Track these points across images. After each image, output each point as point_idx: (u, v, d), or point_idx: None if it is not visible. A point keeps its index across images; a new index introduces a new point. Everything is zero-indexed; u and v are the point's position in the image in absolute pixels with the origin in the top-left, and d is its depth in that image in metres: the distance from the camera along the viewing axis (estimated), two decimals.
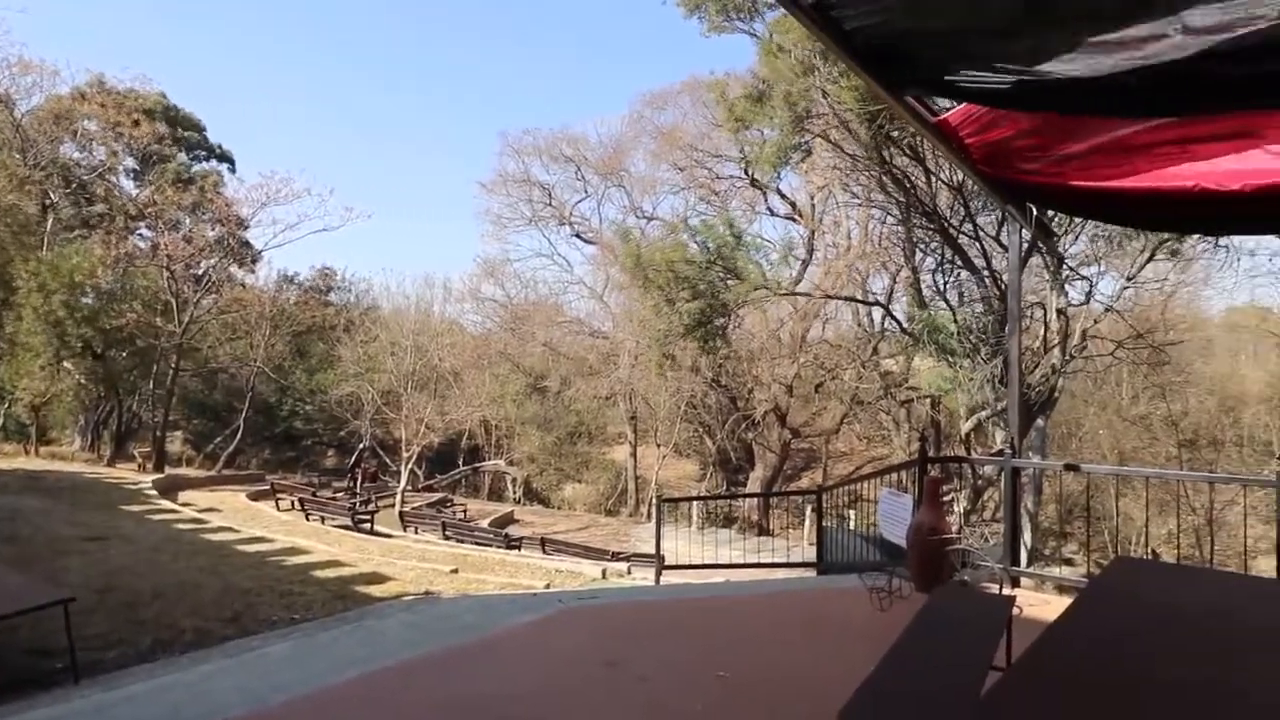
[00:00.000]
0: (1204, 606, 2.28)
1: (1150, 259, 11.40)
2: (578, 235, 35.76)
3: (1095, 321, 12.61)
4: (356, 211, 44.64)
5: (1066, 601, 5.17)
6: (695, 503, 19.64)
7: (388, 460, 30.75)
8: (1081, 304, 11.65)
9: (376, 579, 9.12)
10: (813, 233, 19.19)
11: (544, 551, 16.60)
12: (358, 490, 23.36)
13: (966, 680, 2.37)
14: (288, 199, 26.71)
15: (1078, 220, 10.81)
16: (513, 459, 35.01)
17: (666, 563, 9.49)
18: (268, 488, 20.98)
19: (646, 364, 21.13)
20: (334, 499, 20.88)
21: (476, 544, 16.38)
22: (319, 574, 9.09)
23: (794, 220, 19.17)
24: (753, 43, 13.66)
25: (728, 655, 3.75)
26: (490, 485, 35.14)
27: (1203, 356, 26.51)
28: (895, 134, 11.23)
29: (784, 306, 19.17)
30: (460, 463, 35.13)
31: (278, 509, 18.64)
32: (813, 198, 18.70)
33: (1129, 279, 11.61)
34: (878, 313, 20.29)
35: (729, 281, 15.16)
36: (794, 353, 19.85)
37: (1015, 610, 3.15)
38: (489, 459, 35.67)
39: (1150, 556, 17.36)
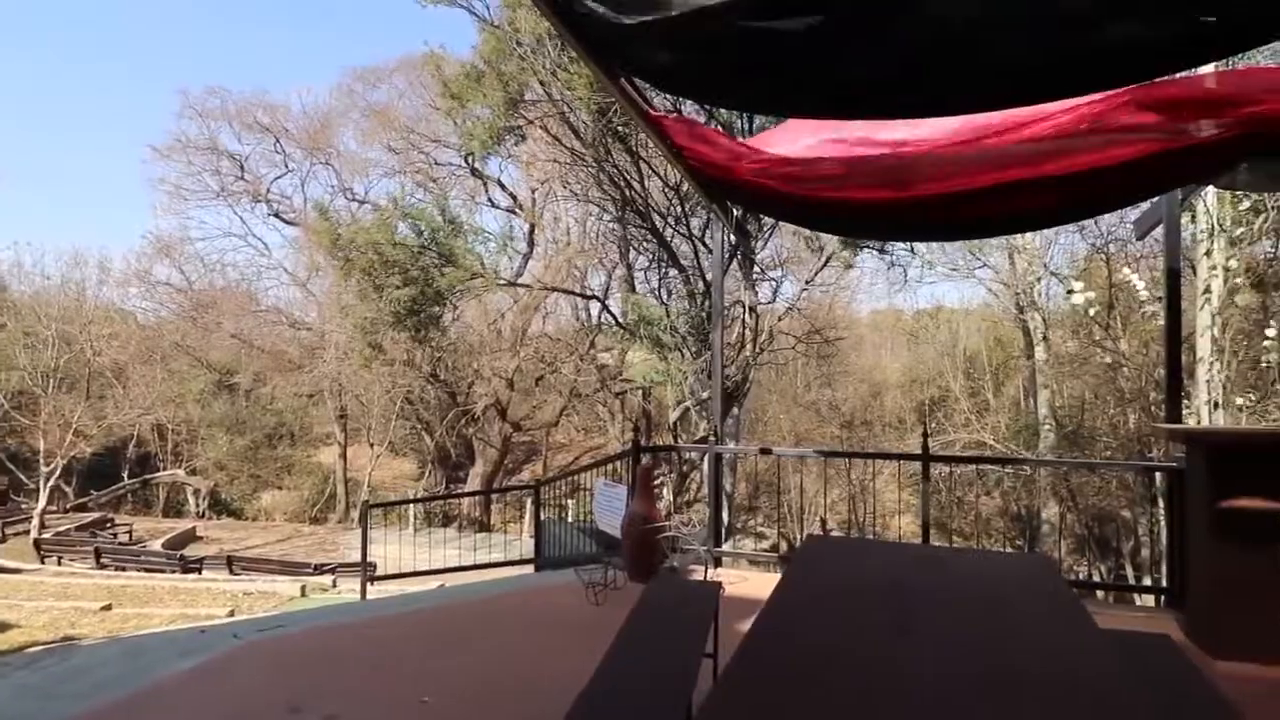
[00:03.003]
0: (887, 575, 2.47)
1: (825, 264, 13.14)
2: (276, 215, 31.87)
3: (780, 319, 14.23)
4: None
5: (763, 576, 5.61)
6: (411, 504, 18.70)
7: (22, 477, 25.03)
8: (769, 303, 13.07)
9: None
10: (533, 226, 19.22)
11: (231, 571, 14.60)
12: None
13: (681, 674, 2.34)
14: None
15: (766, 226, 12.06)
16: (195, 467, 30.43)
17: (377, 572, 8.78)
18: None
19: (357, 358, 19.59)
20: None
21: (144, 570, 13.91)
22: None
23: (515, 213, 19.07)
24: (474, 22, 13.22)
25: (437, 673, 3.41)
26: (167, 499, 30.16)
27: (856, 350, 31.28)
28: (622, 129, 11.55)
29: (504, 299, 18.99)
30: (125, 475, 29.76)
31: None
32: (534, 191, 18.74)
33: (808, 282, 13.30)
34: (595, 307, 20.96)
35: (444, 269, 14.49)
36: (515, 346, 19.74)
37: (721, 592, 3.25)
38: (164, 468, 30.57)
39: (821, 524, 20.12)
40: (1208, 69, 3.15)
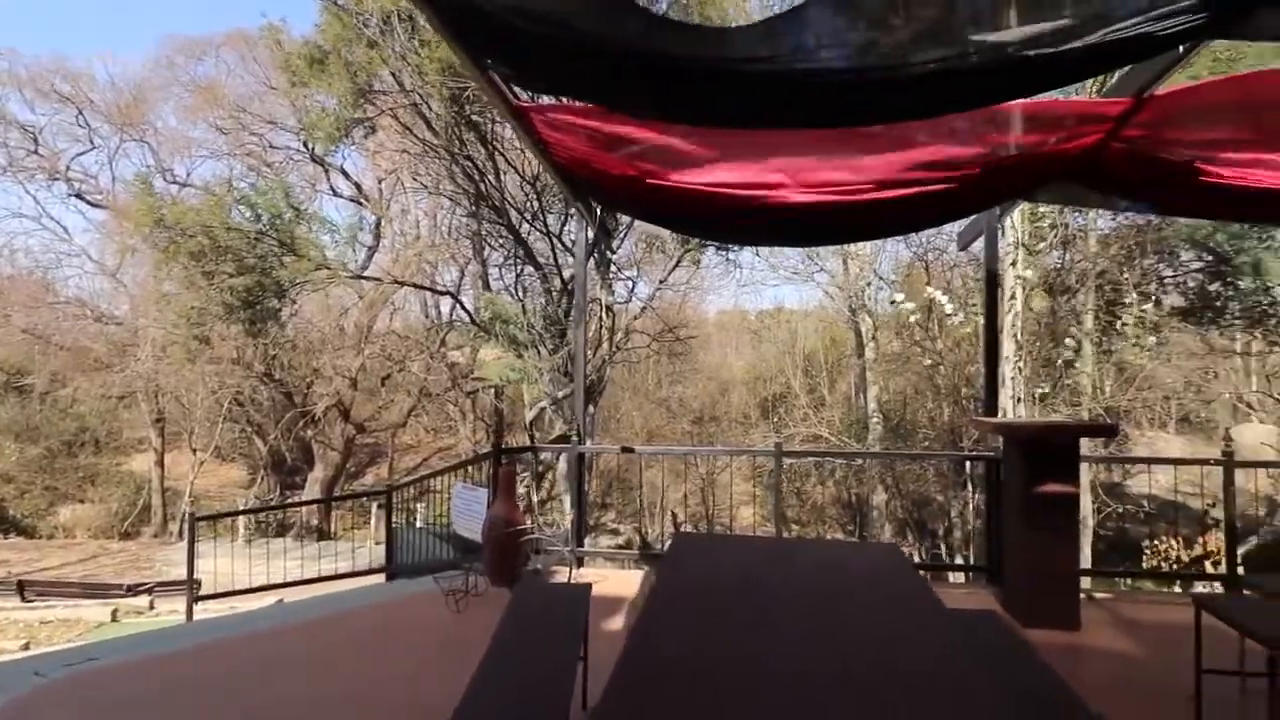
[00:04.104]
0: (755, 570, 2.56)
1: (677, 265, 13.48)
2: (79, 195, 28.06)
3: (635, 317, 14.45)
4: None
5: (625, 574, 5.66)
6: (243, 515, 17.20)
7: None
8: (625, 302, 13.24)
9: None
10: (379, 218, 18.27)
11: (23, 598, 12.81)
12: None
13: (558, 682, 2.31)
14: None
15: (623, 226, 12.19)
16: None
17: (203, 591, 8.03)
18: None
19: (177, 355, 17.67)
20: None
21: None
22: None
23: (360, 204, 18.00)
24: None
25: (287, 702, 3.16)
26: None
27: (704, 349, 32.34)
28: (476, 118, 11.20)
29: (349, 294, 17.90)
30: None
31: None
32: (380, 181, 17.80)
33: (661, 282, 13.59)
34: (445, 304, 20.28)
35: (285, 258, 13.37)
36: (359, 343, 18.68)
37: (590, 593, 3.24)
38: None
39: (672, 518, 20.64)
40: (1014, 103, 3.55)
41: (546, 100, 3.95)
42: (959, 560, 12.74)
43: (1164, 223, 12.52)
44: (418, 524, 10.09)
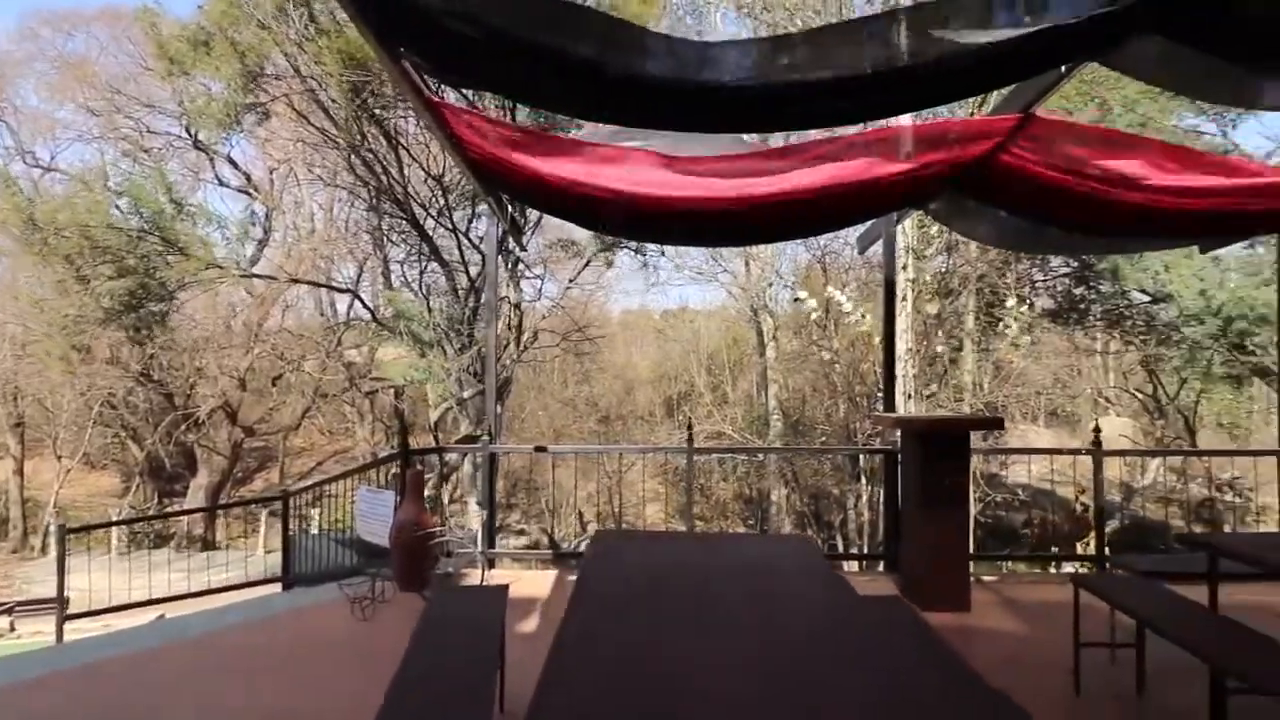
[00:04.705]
0: (676, 566, 2.61)
1: (587, 264, 13.47)
2: None
3: (544, 317, 14.34)
4: None
5: (537, 574, 5.62)
6: (119, 525, 15.94)
7: None
8: (534, 301, 13.13)
9: None
10: (270, 210, 17.30)
11: None
12: None
13: (480, 689, 2.28)
14: None
15: (530, 224, 12.06)
16: None
17: (73, 609, 7.40)
18: None
19: (43, 355, 16.12)
20: None
21: None
22: None
23: (249, 194, 16.98)
24: None
25: None
26: None
27: (610, 348, 32.46)
28: (379, 111, 10.76)
29: (238, 291, 16.87)
30: None
31: None
32: (272, 172, 16.86)
33: (571, 280, 13.54)
34: (342, 301, 19.49)
35: (169, 257, 12.40)
36: (249, 342, 17.64)
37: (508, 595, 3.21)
38: None
39: (578, 517, 20.60)
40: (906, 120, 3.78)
41: (458, 101, 3.89)
42: (854, 549, 13.30)
43: (1036, 230, 13.48)
44: (313, 530, 9.65)
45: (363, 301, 15.64)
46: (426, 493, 6.47)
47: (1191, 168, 3.87)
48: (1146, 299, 13.56)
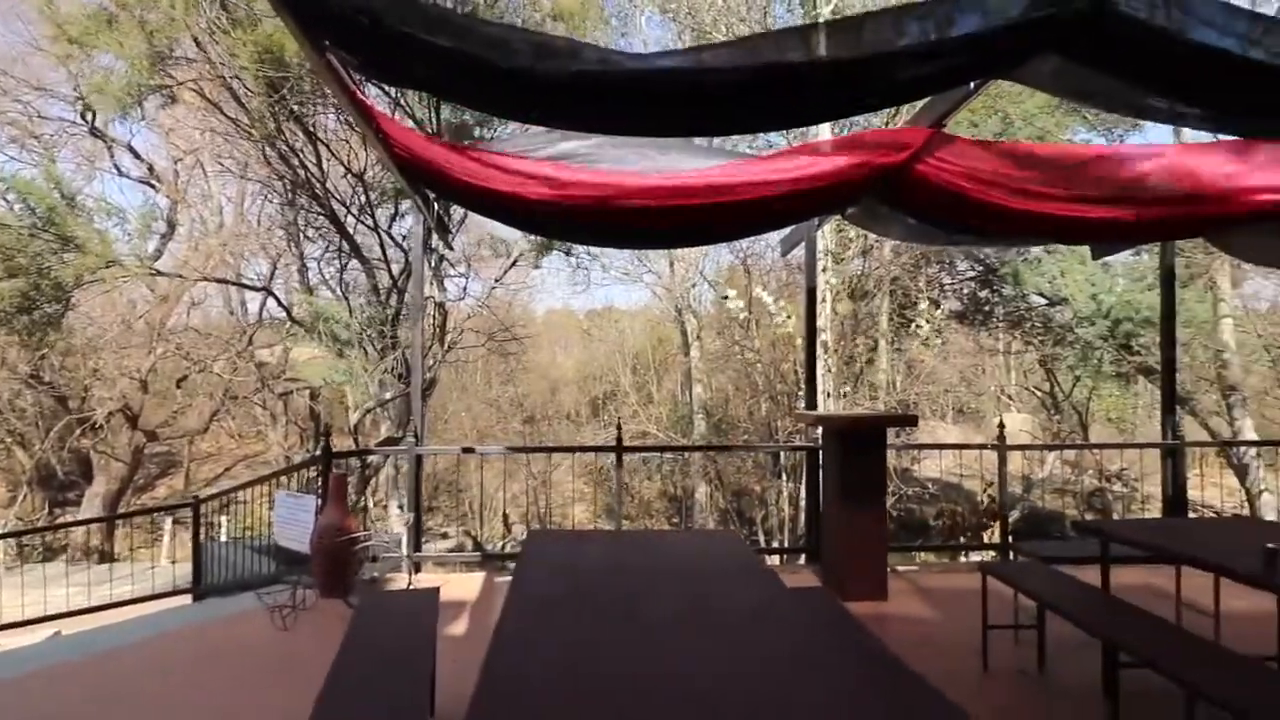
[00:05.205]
0: (612, 564, 2.65)
1: (514, 264, 13.34)
2: None
3: (468, 317, 14.13)
4: None
5: (465, 577, 5.56)
6: (4, 539, 14.79)
7: None
8: (459, 300, 12.91)
9: None
10: (175, 203, 16.38)
11: None
12: None
13: (414, 693, 2.26)
14: None
15: (455, 222, 11.87)
16: None
17: None
18: None
19: None
20: None
21: None
22: None
23: (152, 186, 16.01)
24: None
25: None
26: None
27: (534, 348, 32.23)
28: (298, 108, 10.32)
29: (139, 288, 15.89)
30: None
31: None
32: (177, 162, 15.95)
33: (497, 280, 13.39)
34: (254, 299, 18.66)
35: (65, 255, 11.52)
36: (151, 342, 16.65)
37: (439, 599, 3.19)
38: None
39: (503, 519, 20.38)
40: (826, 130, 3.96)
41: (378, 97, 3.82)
42: (775, 544, 13.65)
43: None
44: (222, 538, 9.25)
45: (278, 300, 15.01)
46: (351, 497, 6.30)
47: (1082, 176, 4.17)
48: (1044, 302, 14.42)
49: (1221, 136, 4.06)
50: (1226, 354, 11.88)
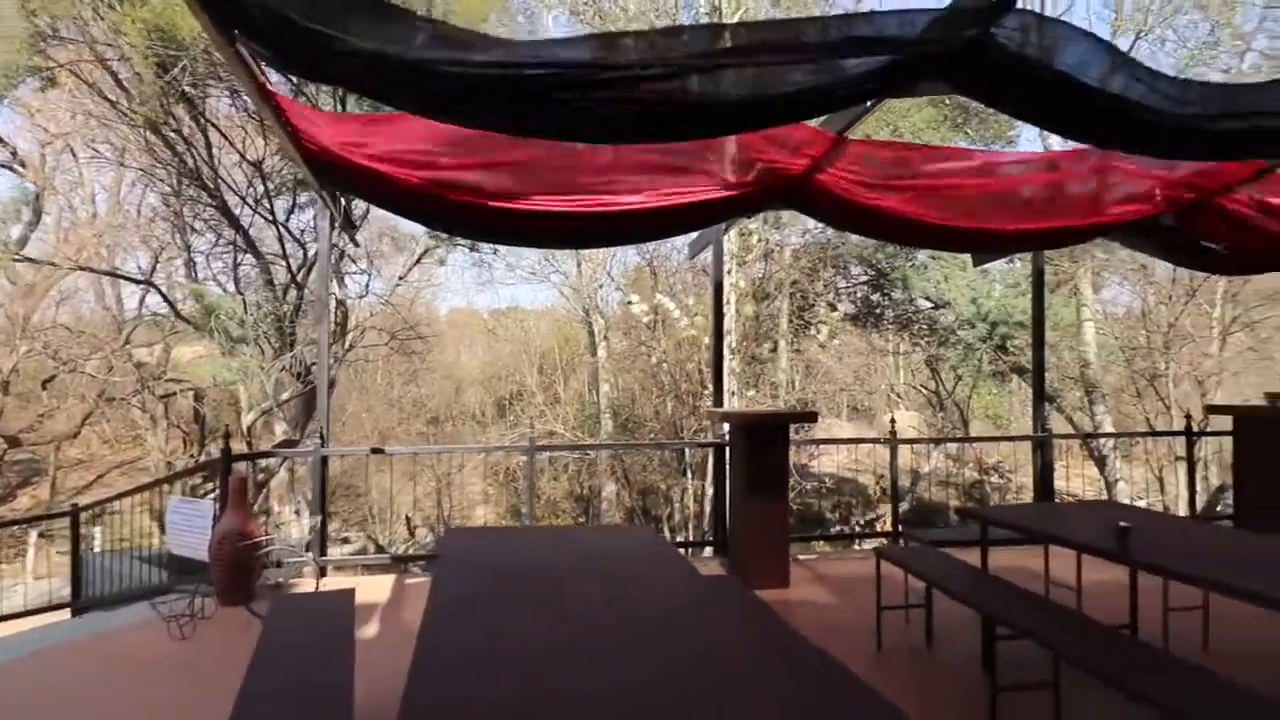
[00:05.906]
0: (533, 560, 2.72)
1: (418, 261, 13.06)
2: None
3: (371, 314, 13.72)
4: None
5: (375, 579, 5.46)
6: None
7: None
8: (361, 297, 12.53)
9: None
10: (41, 191, 15.08)
11: None
12: None
13: (337, 697, 2.25)
14: None
15: (357, 218, 11.52)
16: None
17: None
18: None
19: None
20: None
21: None
22: None
23: (15, 171, 14.66)
24: None
25: None
26: None
27: (438, 348, 31.55)
28: (190, 90, 9.72)
29: None
30: None
31: None
32: (44, 146, 14.68)
33: (401, 277, 13.06)
34: (132, 294, 17.46)
35: None
36: (13, 339, 15.29)
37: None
38: None
39: (406, 521, 19.90)
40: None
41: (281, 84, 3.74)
42: (681, 539, 13.95)
43: (840, 241, 14.90)
44: (96, 549, 8.70)
45: (161, 294, 14.07)
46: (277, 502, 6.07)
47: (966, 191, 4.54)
48: (930, 306, 15.35)
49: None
50: (1089, 354, 13.02)
